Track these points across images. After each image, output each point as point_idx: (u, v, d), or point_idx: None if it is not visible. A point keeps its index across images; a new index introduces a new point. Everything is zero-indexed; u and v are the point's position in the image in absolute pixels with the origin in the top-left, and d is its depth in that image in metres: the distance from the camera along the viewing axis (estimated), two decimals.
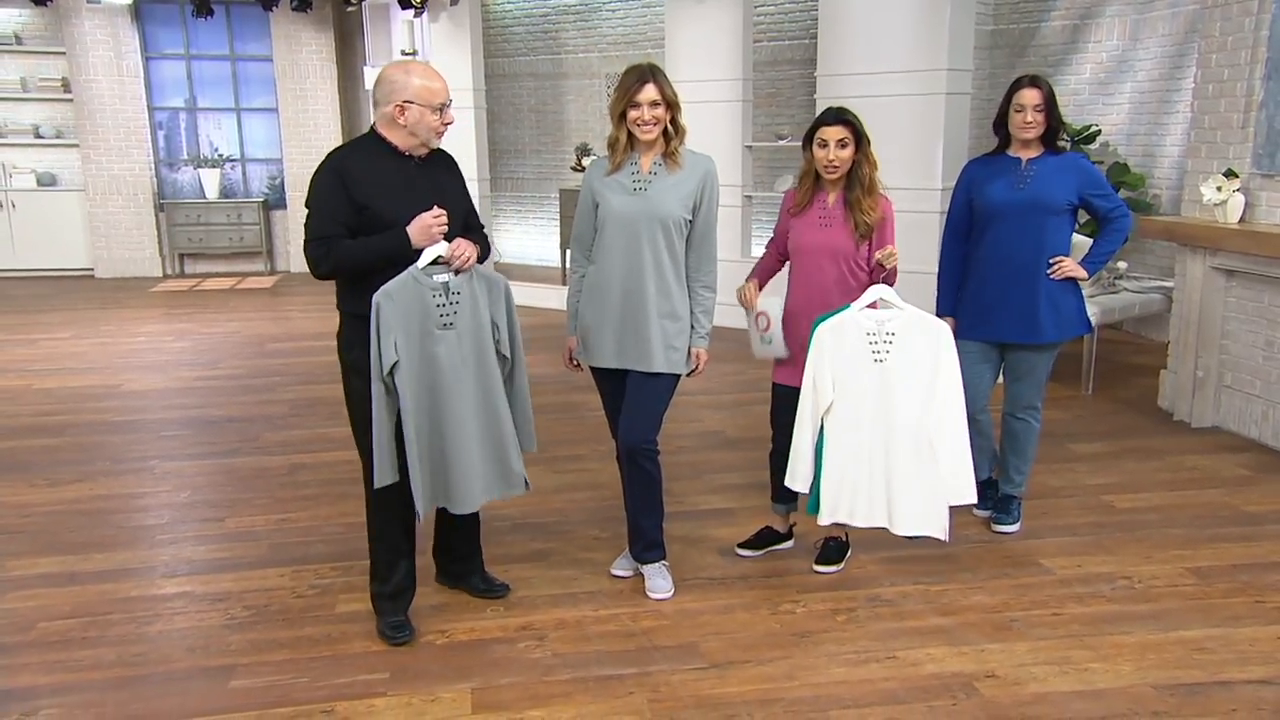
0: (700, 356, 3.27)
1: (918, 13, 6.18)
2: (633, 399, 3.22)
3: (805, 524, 3.77)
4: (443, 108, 2.87)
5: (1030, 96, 3.51)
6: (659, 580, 3.34)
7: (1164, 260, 6.76)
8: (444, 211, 2.85)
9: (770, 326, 3.33)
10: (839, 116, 3.22)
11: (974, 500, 3.22)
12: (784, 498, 3.57)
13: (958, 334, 3.67)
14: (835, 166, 3.22)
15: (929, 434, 3.09)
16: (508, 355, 2.99)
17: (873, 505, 3.16)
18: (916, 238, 5.82)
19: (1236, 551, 3.62)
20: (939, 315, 3.62)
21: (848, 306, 3.15)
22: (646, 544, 3.35)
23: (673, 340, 3.19)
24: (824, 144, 3.22)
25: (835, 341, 3.13)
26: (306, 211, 2.86)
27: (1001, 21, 7.89)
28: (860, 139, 3.23)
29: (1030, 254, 3.58)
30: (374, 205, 2.81)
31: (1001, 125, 3.62)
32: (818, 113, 6.64)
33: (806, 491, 3.24)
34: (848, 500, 3.17)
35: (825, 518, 3.20)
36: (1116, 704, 2.67)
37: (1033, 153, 3.60)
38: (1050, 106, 3.51)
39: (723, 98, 7.33)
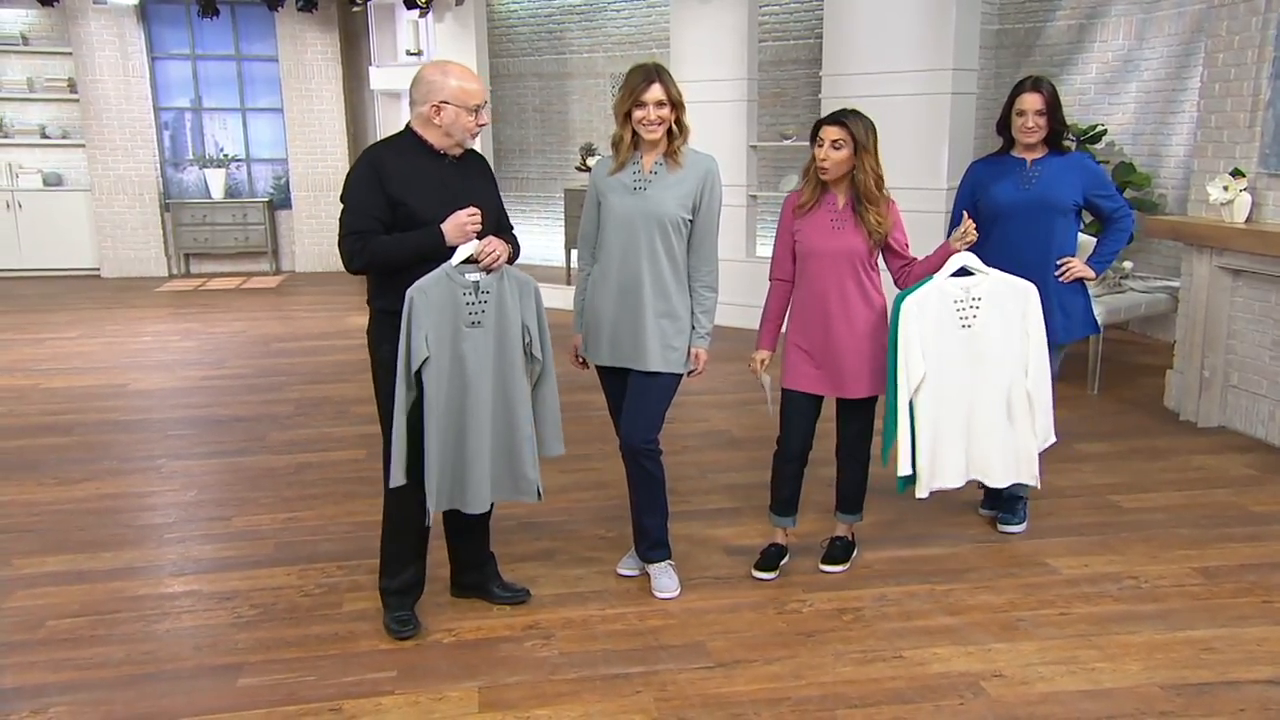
0: (700, 357, 3.27)
1: (923, 12, 6.19)
2: (633, 399, 3.23)
3: (812, 524, 3.78)
4: (478, 109, 2.88)
5: (1031, 101, 3.49)
6: (664, 579, 3.34)
7: (1170, 260, 6.75)
8: (478, 210, 2.87)
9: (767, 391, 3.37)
10: (838, 118, 3.20)
11: (1055, 440, 3.39)
12: (783, 510, 3.53)
13: None
14: (825, 167, 3.21)
15: (1025, 389, 3.25)
16: (539, 357, 2.99)
17: (968, 462, 3.29)
18: (922, 237, 5.77)
19: (1244, 551, 3.61)
20: None
21: (931, 278, 3.22)
22: (651, 543, 3.36)
23: (671, 340, 3.19)
24: (820, 142, 3.23)
25: (921, 313, 3.19)
26: (342, 206, 2.88)
27: (1007, 21, 7.88)
28: (857, 146, 3.17)
29: (1038, 254, 3.56)
30: (409, 202, 2.83)
31: (1005, 127, 3.61)
32: (823, 113, 6.65)
33: (910, 472, 3.25)
34: (941, 467, 3.26)
35: (923, 491, 3.25)
36: (1124, 704, 2.67)
37: (1037, 153, 3.59)
38: (1052, 110, 3.49)
39: (728, 97, 7.33)
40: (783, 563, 3.52)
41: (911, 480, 3.27)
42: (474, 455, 2.92)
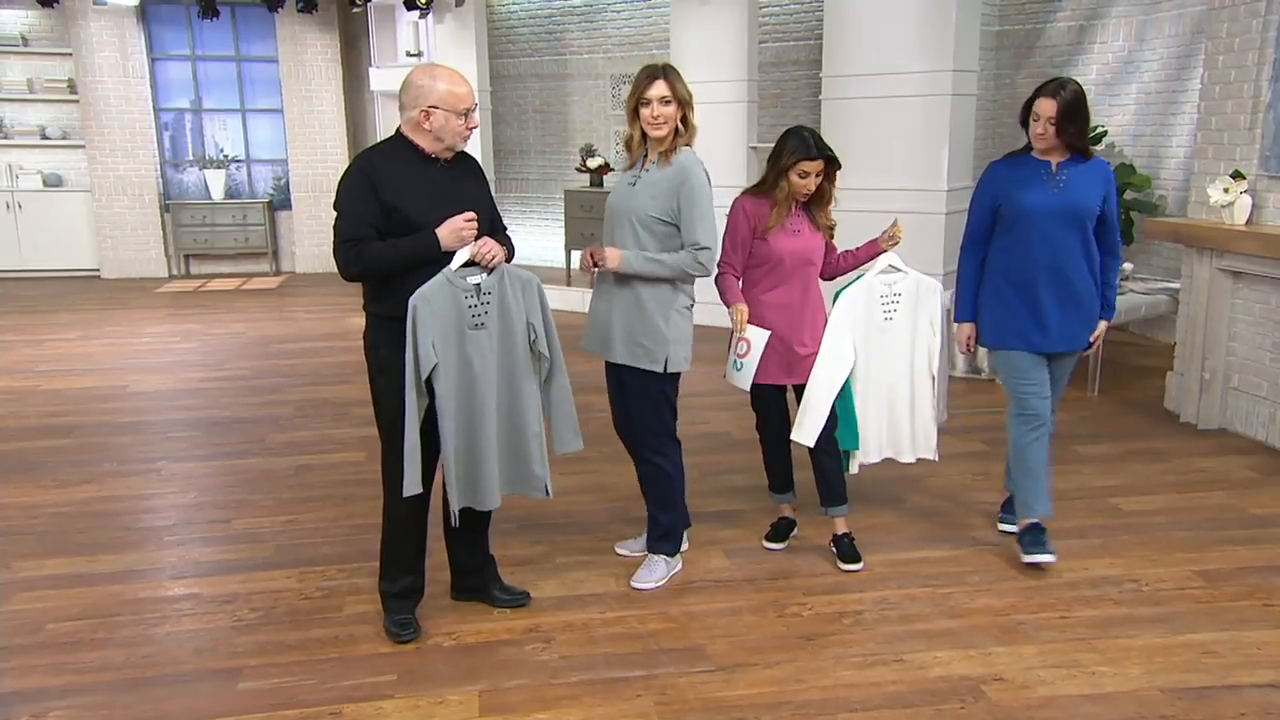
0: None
1: (923, 13, 6.18)
2: (629, 402, 3.35)
3: (814, 526, 3.78)
4: (468, 113, 2.88)
5: (1045, 107, 3.32)
6: (646, 571, 3.41)
7: (1170, 262, 6.75)
8: (475, 216, 2.87)
9: (748, 354, 3.41)
10: (824, 153, 3.33)
11: (944, 418, 3.65)
12: (781, 488, 3.70)
13: (997, 344, 3.54)
14: (808, 193, 3.39)
15: (928, 373, 3.60)
16: (546, 354, 3.00)
17: (888, 441, 3.64)
18: (922, 239, 5.82)
19: (1244, 554, 3.61)
20: (958, 322, 3.63)
21: (863, 275, 3.48)
22: (658, 535, 3.44)
23: (638, 337, 3.23)
24: (805, 175, 3.34)
25: (851, 307, 3.45)
26: (336, 214, 2.87)
27: (1007, 22, 7.88)
28: (831, 170, 3.38)
29: (1075, 260, 3.41)
30: (403, 207, 2.83)
31: (1025, 126, 3.44)
32: (822, 114, 6.60)
33: (811, 445, 3.45)
34: (870, 446, 3.61)
35: (854, 468, 3.60)
36: (1124, 707, 2.66)
37: (1061, 156, 3.42)
38: (1069, 118, 3.30)
39: (728, 99, 7.34)
40: (793, 534, 3.73)
41: (847, 457, 3.59)
42: (484, 455, 2.93)
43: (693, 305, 3.34)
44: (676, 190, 3.16)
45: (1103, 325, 3.54)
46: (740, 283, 3.46)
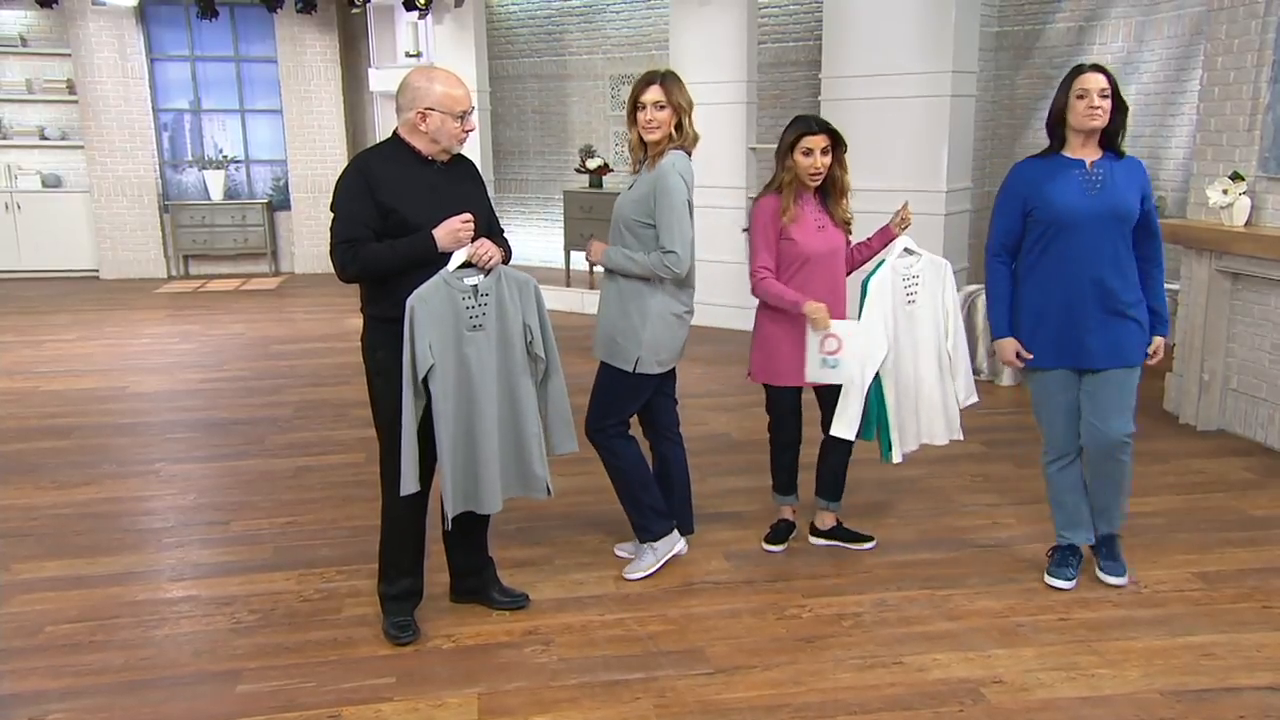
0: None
1: (922, 14, 6.18)
2: (595, 388, 3.44)
3: (808, 525, 3.77)
4: (464, 115, 2.88)
5: (1095, 80, 3.07)
6: (637, 561, 3.48)
7: (1169, 263, 6.69)
8: (472, 217, 2.88)
9: (840, 350, 3.33)
10: (824, 126, 3.34)
11: (977, 400, 3.57)
12: (785, 490, 3.70)
13: (1032, 364, 3.28)
14: (819, 173, 3.35)
15: (949, 352, 3.52)
16: (542, 356, 3.01)
17: (924, 427, 3.53)
18: (922, 240, 5.79)
19: (1243, 556, 3.61)
20: (999, 338, 3.34)
21: (884, 261, 3.43)
22: (632, 525, 3.51)
23: (616, 335, 3.32)
24: (809, 152, 3.33)
25: (881, 291, 3.37)
26: (332, 215, 2.88)
27: (1006, 23, 7.88)
28: (838, 145, 3.37)
29: (1118, 268, 3.15)
30: (400, 208, 2.83)
31: (1058, 124, 3.18)
32: (821, 116, 6.61)
33: (854, 439, 3.42)
34: (905, 435, 3.48)
35: (897, 458, 3.46)
36: (1124, 710, 2.66)
37: (1094, 154, 3.18)
38: (1115, 95, 3.10)
39: (727, 100, 7.33)
40: (792, 536, 3.71)
41: (889, 449, 3.47)
42: (485, 456, 2.93)
43: (688, 313, 3.37)
44: (652, 191, 3.21)
45: (1159, 341, 3.25)
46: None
